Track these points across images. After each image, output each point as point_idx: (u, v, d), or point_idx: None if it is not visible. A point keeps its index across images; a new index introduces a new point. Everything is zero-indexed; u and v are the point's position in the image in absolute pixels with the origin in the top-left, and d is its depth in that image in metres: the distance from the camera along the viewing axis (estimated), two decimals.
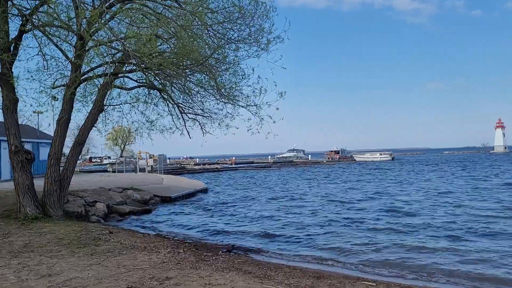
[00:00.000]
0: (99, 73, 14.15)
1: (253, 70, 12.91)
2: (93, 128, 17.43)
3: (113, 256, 8.53)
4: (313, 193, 26.46)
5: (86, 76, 14.44)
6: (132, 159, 64.14)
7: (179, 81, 16.06)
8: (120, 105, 16.82)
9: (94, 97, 15.70)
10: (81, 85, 16.96)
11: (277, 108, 13.05)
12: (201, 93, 14.61)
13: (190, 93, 16.23)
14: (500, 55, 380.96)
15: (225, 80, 13.74)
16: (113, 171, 51.92)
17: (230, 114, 14.77)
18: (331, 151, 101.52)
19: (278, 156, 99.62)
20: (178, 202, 22.19)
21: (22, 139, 14.13)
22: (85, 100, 16.78)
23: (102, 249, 9.26)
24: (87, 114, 15.22)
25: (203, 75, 14.02)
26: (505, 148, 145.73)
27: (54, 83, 15.02)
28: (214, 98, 14.51)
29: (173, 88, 16.52)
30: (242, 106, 14.29)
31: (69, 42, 14.15)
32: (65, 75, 15.11)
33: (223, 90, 13.55)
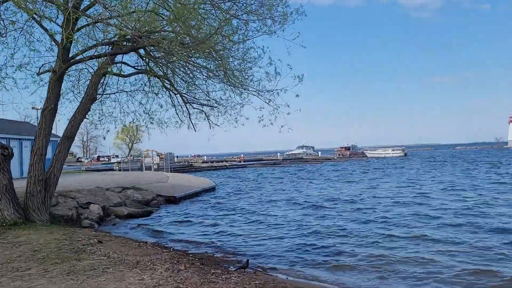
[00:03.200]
0: (90, 55, 12.22)
1: (263, 49, 10.85)
2: (89, 122, 15.80)
3: (95, 277, 6.63)
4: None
5: (75, 59, 12.51)
6: (139, 157, 62.72)
7: (181, 67, 14.23)
8: (116, 93, 14.98)
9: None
10: (73, 73, 15.38)
11: (297, 95, 11.05)
12: (205, 77, 12.57)
13: (193, 81, 14.35)
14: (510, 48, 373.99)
15: (233, 63, 11.73)
16: (119, 170, 50.45)
17: (240, 103, 12.79)
18: (342, 147, 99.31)
19: (287, 153, 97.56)
20: (183, 203, 20.30)
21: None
22: (77, 89, 15.16)
23: (84, 265, 7.36)
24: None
25: (208, 58, 12.06)
26: None
27: (40, 69, 13.20)
28: (221, 83, 12.51)
29: (175, 76, 14.65)
30: (253, 93, 12.28)
31: (54, 20, 12.27)
32: (50, 61, 13.23)
33: (230, 73, 11.52)
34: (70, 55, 12.71)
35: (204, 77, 13.33)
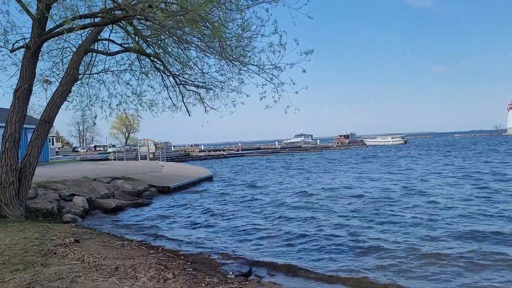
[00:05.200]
0: (68, 27, 10.73)
1: (267, 12, 9.36)
2: (72, 106, 14.43)
3: None
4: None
5: (51, 33, 11.04)
6: (133, 146, 61.36)
7: (174, 46, 12.82)
8: (100, 73, 13.58)
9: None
10: (55, 52, 13.97)
11: (304, 71, 9.62)
12: (200, 51, 11.12)
13: (188, 60, 12.96)
14: (509, 36, 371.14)
15: (230, 32, 10.26)
16: (114, 159, 49.15)
17: (237, 80, 11.37)
18: (340, 136, 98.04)
19: (285, 141, 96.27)
20: (178, 193, 18.94)
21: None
22: (58, 69, 13.75)
23: (50, 273, 6.01)
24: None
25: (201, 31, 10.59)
26: None
27: (13, 45, 11.75)
28: (216, 59, 11.08)
29: (167, 56, 13.24)
30: (254, 71, 10.83)
31: None
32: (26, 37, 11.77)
33: (226, 46, 10.07)
34: (47, 30, 11.32)
35: (198, 53, 11.91)
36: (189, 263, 7.07)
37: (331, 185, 20.52)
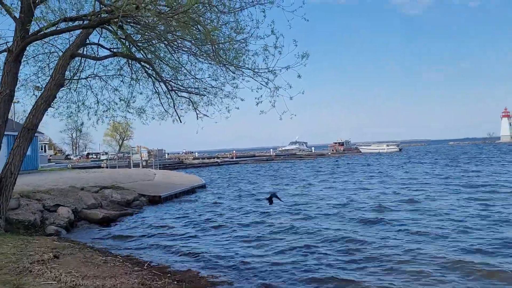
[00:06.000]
0: (52, 30, 10.24)
1: (264, 11, 8.92)
2: (57, 113, 13.89)
3: None
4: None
5: (35, 36, 10.52)
6: (127, 154, 60.65)
7: (166, 51, 12.38)
8: (87, 78, 13.08)
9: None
10: (41, 57, 13.47)
11: (299, 76, 9.18)
12: (192, 55, 10.66)
13: (180, 65, 12.51)
14: (501, 44, 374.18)
15: (223, 35, 9.81)
16: (106, 167, 48.47)
17: (231, 85, 10.91)
18: (335, 143, 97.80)
19: (280, 149, 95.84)
20: (169, 202, 18.34)
21: None
22: (44, 74, 13.24)
23: None
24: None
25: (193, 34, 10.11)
26: None
27: None
28: (209, 63, 10.62)
29: (159, 61, 12.78)
30: (248, 75, 10.36)
31: None
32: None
33: (219, 50, 9.61)
34: (31, 33, 10.81)
35: (190, 57, 11.45)
36: (175, 282, 6.53)
37: (320, 195, 19.99)
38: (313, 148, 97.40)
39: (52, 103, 11.69)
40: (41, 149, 61.89)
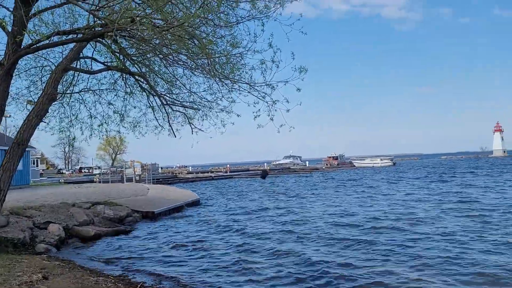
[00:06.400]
0: (44, 43, 10.05)
1: (263, 24, 8.82)
2: (48, 128, 13.63)
3: None
4: None
5: (26, 50, 10.31)
6: (120, 168, 60.14)
7: (161, 65, 12.24)
8: (80, 92, 12.86)
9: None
10: (34, 71, 13.28)
11: (298, 89, 9.04)
12: (187, 68, 10.51)
13: (175, 79, 12.35)
14: (493, 59, 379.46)
15: (219, 47, 9.67)
16: (99, 182, 48.00)
17: (227, 99, 10.75)
18: (329, 157, 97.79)
19: (274, 163, 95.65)
20: (163, 219, 17.99)
21: None
22: (37, 88, 13.04)
23: None
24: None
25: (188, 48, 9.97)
26: (504, 152, 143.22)
27: None
28: (205, 77, 10.46)
29: (153, 75, 12.63)
30: (245, 89, 10.21)
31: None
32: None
33: (215, 63, 9.47)
34: (23, 46, 10.62)
35: (185, 71, 11.30)
36: None
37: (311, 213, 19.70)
38: (307, 162, 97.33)
39: (44, 118, 11.45)
40: (33, 164, 61.29)
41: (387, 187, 33.57)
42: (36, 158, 78.91)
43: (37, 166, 72.75)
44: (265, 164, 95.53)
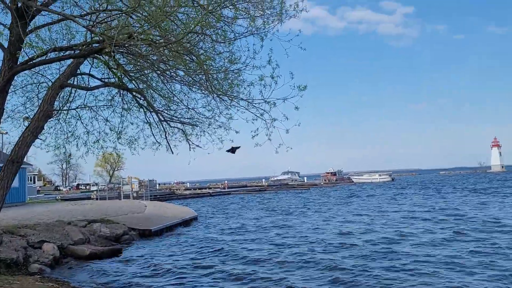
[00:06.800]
0: (41, 59, 9.96)
1: (262, 38, 8.76)
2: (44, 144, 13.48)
3: None
4: None
5: (22, 66, 10.21)
6: (117, 185, 59.77)
7: (158, 81, 12.19)
8: (77, 109, 12.75)
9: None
10: (31, 87, 13.19)
11: (297, 108, 8.95)
12: (184, 84, 10.43)
13: (173, 94, 12.28)
14: (490, 75, 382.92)
15: (218, 64, 9.60)
16: (96, 199, 47.57)
17: (225, 116, 10.65)
18: (328, 173, 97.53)
19: (272, 179, 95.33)
20: (160, 237, 17.70)
21: None
22: (32, 105, 12.92)
23: None
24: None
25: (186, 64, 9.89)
26: (502, 167, 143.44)
27: None
28: (203, 93, 10.37)
29: (151, 91, 12.55)
30: (242, 106, 10.10)
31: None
32: None
33: (213, 79, 9.38)
34: (20, 63, 10.53)
35: (183, 86, 11.22)
36: None
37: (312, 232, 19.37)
38: (305, 178, 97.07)
39: (39, 135, 11.30)
40: (30, 180, 60.88)
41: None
42: (33, 175, 78.53)
43: (34, 183, 72.34)
44: (263, 180, 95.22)
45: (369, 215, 24.20)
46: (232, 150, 9.57)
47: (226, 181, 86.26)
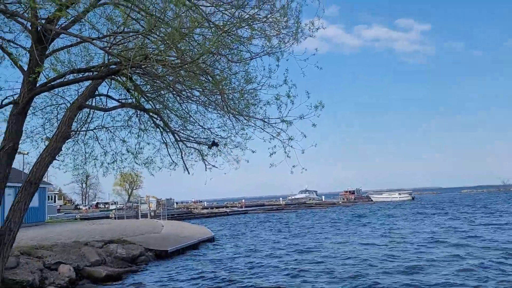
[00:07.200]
0: (60, 81, 10.09)
1: (278, 58, 8.67)
2: (62, 165, 13.59)
3: None
4: None
5: (41, 88, 10.33)
6: (135, 204, 60.10)
7: (174, 101, 12.25)
8: (94, 130, 12.85)
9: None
10: (50, 109, 13.39)
11: (314, 125, 8.78)
12: (200, 104, 10.39)
13: (189, 115, 12.30)
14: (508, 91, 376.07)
15: (234, 84, 9.55)
16: (115, 218, 47.83)
17: (241, 136, 10.55)
18: (346, 192, 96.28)
19: (289, 197, 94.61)
20: (176, 258, 17.48)
21: None
22: (51, 126, 13.07)
23: None
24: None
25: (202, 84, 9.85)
26: None
27: (2, 101, 11.04)
28: (219, 113, 10.31)
29: (167, 111, 12.61)
30: (258, 126, 9.99)
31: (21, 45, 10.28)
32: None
33: (229, 99, 9.31)
34: (39, 84, 10.67)
35: (199, 107, 11.21)
36: None
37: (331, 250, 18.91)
38: (323, 196, 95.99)
39: (57, 156, 11.36)
40: (51, 199, 61.67)
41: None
42: (54, 193, 79.64)
43: (54, 201, 73.33)
44: (281, 198, 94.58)
45: (393, 240, 22.94)
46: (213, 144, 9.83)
47: (243, 200, 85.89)
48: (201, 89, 9.23)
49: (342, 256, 16.99)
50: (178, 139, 12.87)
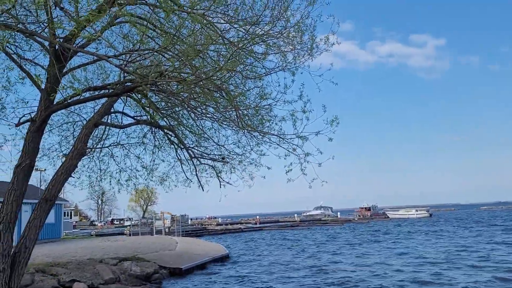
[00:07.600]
0: (76, 99, 10.17)
1: (293, 74, 8.60)
2: (78, 182, 13.65)
3: None
4: None
5: (58, 106, 10.42)
6: (150, 220, 60.20)
7: (188, 118, 12.26)
8: (110, 147, 12.89)
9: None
10: (66, 126, 13.53)
11: (330, 139, 8.64)
12: (215, 120, 10.35)
13: (203, 131, 12.27)
14: None
15: (247, 100, 9.49)
16: (129, 234, 47.89)
17: (256, 152, 10.45)
18: (362, 208, 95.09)
19: (304, 214, 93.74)
20: (190, 276, 17.29)
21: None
22: (67, 143, 13.17)
23: None
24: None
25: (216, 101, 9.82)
26: None
27: (20, 119, 11.16)
28: (233, 129, 10.25)
29: (182, 127, 12.63)
30: (274, 142, 9.88)
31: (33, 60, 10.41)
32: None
33: (244, 115, 9.25)
34: (56, 102, 10.78)
35: (214, 124, 11.17)
36: None
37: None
38: (338, 213, 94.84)
39: (72, 173, 11.40)
40: (67, 215, 62.16)
41: None
42: (70, 210, 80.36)
43: (70, 218, 73.91)
44: (295, 215, 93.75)
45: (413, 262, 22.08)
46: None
47: (258, 216, 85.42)
48: (215, 105, 9.18)
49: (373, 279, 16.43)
50: (193, 155, 12.84)
